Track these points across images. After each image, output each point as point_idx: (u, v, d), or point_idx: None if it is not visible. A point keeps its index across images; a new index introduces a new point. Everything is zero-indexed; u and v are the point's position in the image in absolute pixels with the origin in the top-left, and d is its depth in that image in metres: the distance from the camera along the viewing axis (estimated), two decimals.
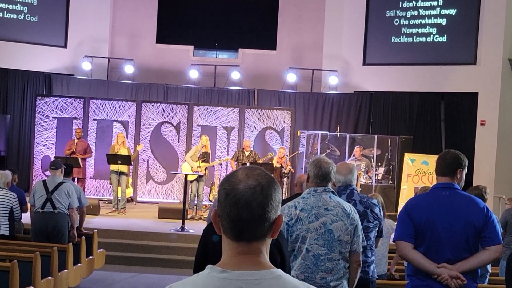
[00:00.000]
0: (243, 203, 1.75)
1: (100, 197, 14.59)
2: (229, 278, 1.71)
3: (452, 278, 3.94)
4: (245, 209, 1.75)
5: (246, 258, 1.76)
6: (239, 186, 1.77)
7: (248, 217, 1.75)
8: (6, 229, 8.08)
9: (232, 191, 1.77)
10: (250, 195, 1.75)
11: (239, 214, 1.75)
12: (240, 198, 1.75)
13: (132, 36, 17.67)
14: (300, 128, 15.76)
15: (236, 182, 1.78)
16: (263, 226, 1.76)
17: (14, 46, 16.09)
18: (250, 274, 1.72)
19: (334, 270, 4.12)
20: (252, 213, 1.75)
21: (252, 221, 1.75)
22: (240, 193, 1.76)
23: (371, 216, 4.87)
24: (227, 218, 1.77)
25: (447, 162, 4.16)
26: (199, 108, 15.25)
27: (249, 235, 1.77)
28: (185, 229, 11.14)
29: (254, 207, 1.75)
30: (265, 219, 1.76)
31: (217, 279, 1.72)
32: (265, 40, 17.96)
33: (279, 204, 1.80)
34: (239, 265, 1.75)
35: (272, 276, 1.73)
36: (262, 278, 1.72)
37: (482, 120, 15.19)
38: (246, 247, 1.77)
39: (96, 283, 9.00)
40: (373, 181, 14.33)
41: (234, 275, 1.72)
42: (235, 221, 1.76)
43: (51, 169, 8.27)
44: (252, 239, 1.77)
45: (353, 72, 16.76)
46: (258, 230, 1.77)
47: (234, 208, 1.75)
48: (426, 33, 16.02)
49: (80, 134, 13.89)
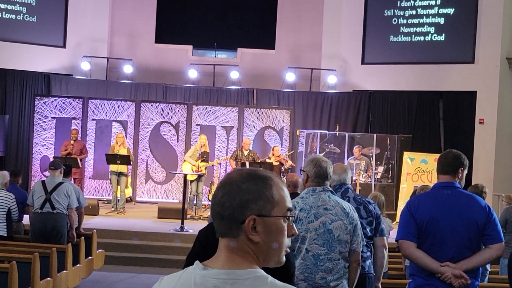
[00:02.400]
0: (212, 200, 1.82)
1: (99, 197, 14.58)
2: (207, 276, 1.72)
3: (455, 277, 3.95)
4: (212, 206, 1.81)
5: (227, 256, 1.76)
6: (217, 189, 1.83)
7: (213, 213, 1.79)
8: (3, 230, 8.07)
9: (216, 189, 1.84)
10: (216, 192, 1.80)
11: (211, 210, 1.85)
12: (213, 195, 1.83)
13: (131, 36, 17.66)
14: (299, 127, 15.76)
15: (220, 185, 1.84)
16: (225, 223, 1.76)
17: (13, 46, 16.07)
18: (227, 273, 1.71)
19: (334, 270, 4.11)
20: (214, 210, 1.79)
21: (215, 217, 1.79)
22: (214, 191, 1.83)
23: (364, 213, 4.88)
24: (212, 214, 1.83)
25: (449, 161, 4.18)
26: (198, 108, 15.24)
27: (218, 232, 1.79)
28: (184, 229, 11.14)
29: (215, 204, 1.79)
30: (224, 216, 1.76)
31: (198, 275, 1.73)
32: (264, 39, 17.95)
33: (253, 203, 1.75)
34: (221, 263, 1.75)
35: (249, 277, 1.71)
36: (237, 278, 1.70)
37: (480, 119, 15.20)
38: (222, 243, 1.78)
39: (95, 283, 8.99)
40: (373, 180, 14.34)
41: (212, 273, 1.72)
42: (214, 216, 1.81)
43: (50, 170, 8.27)
44: (223, 235, 1.78)
45: (352, 71, 16.76)
46: (222, 227, 1.77)
47: (215, 204, 1.80)
48: (424, 32, 16.02)
49: (76, 136, 13.89)
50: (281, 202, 1.79)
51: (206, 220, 12.13)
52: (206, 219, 12.37)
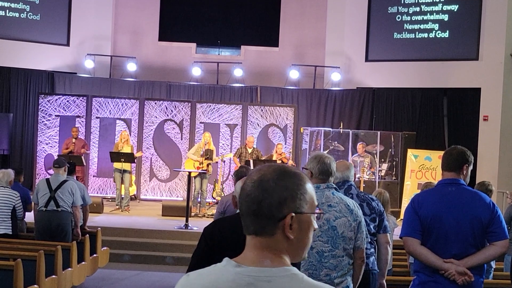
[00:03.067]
0: (243, 197, 1.78)
1: (103, 195, 14.61)
2: (241, 273, 1.71)
3: (459, 274, 3.95)
4: (244, 203, 1.78)
5: (259, 254, 1.75)
6: (247, 181, 1.81)
7: (246, 211, 1.77)
8: (8, 228, 8.09)
9: (242, 185, 1.82)
10: (249, 189, 1.77)
11: (241, 208, 1.79)
12: (242, 192, 1.80)
13: (134, 33, 17.67)
14: (303, 124, 15.76)
15: (247, 177, 1.83)
16: (261, 221, 1.75)
17: (17, 45, 16.10)
18: (262, 271, 1.71)
19: (338, 267, 4.11)
20: (248, 207, 1.76)
21: (249, 215, 1.76)
22: (243, 187, 1.80)
23: (367, 209, 4.89)
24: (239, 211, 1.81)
25: (454, 158, 4.17)
26: (202, 106, 15.24)
27: (250, 229, 1.77)
28: (189, 227, 11.15)
29: (249, 201, 1.76)
30: (261, 214, 1.75)
31: (231, 272, 1.72)
32: (268, 37, 17.95)
33: (291, 201, 1.75)
34: (253, 261, 1.74)
35: (285, 274, 1.72)
36: (274, 275, 1.71)
37: (484, 116, 15.17)
38: (254, 241, 1.77)
39: (100, 281, 9.01)
40: (377, 177, 14.33)
41: (247, 270, 1.72)
42: (241, 214, 1.80)
43: (55, 168, 8.28)
44: (256, 234, 1.77)
45: (356, 68, 16.75)
46: (257, 225, 1.76)
47: (239, 202, 1.80)
48: (428, 29, 16.00)
49: (77, 134, 13.92)
50: (312, 198, 1.82)
51: (210, 218, 12.14)
52: (210, 217, 12.37)
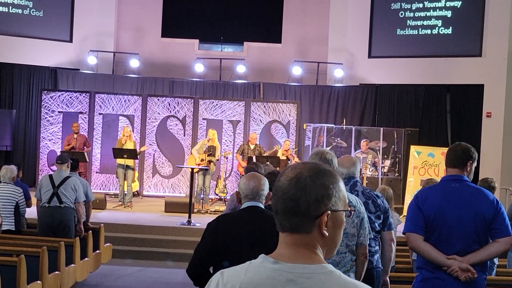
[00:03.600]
0: (279, 195, 1.80)
1: (106, 191, 14.62)
2: (280, 270, 1.73)
3: (462, 270, 3.94)
4: (280, 201, 1.79)
5: (296, 251, 1.78)
6: (281, 178, 1.83)
7: (283, 208, 1.78)
8: (11, 224, 8.11)
9: (276, 183, 1.83)
10: (286, 187, 1.79)
11: (276, 205, 1.80)
12: (277, 189, 1.81)
13: (137, 30, 17.66)
14: (305, 121, 15.75)
15: (281, 174, 1.85)
16: (298, 219, 1.77)
17: (20, 41, 16.11)
18: (302, 268, 1.73)
19: (341, 263, 4.11)
20: (285, 204, 1.78)
21: (286, 213, 1.78)
22: (279, 185, 1.81)
23: (372, 207, 4.86)
24: (272, 208, 1.83)
25: (458, 154, 4.16)
26: (204, 102, 15.24)
27: (286, 227, 1.79)
28: (191, 223, 11.15)
29: (286, 199, 1.78)
30: (298, 212, 1.76)
31: (269, 269, 1.74)
32: (270, 33, 17.92)
33: (327, 199, 1.78)
34: (291, 257, 1.76)
35: (324, 271, 1.74)
36: (313, 272, 1.73)
37: (488, 112, 15.15)
38: (290, 238, 1.79)
39: (103, 277, 9.02)
40: (379, 174, 14.33)
41: (286, 267, 1.74)
42: (275, 212, 1.82)
43: (57, 164, 8.29)
44: (292, 231, 1.79)
45: (359, 64, 16.72)
46: (294, 223, 1.78)
47: (274, 199, 1.81)
48: (431, 25, 15.97)
49: (78, 129, 13.93)
50: (345, 196, 1.85)
51: (213, 214, 12.15)
52: (213, 213, 12.38)
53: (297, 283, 1.71)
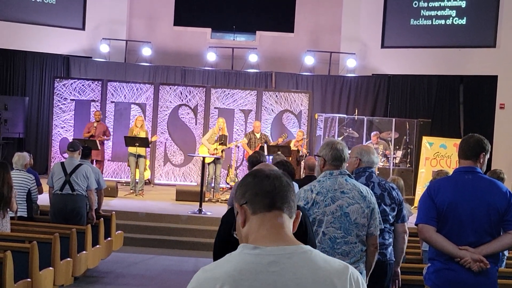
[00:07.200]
0: (274, 177, 1.94)
1: (118, 179, 14.68)
2: (261, 254, 1.82)
3: (474, 261, 3.94)
4: (277, 180, 1.93)
5: (274, 233, 1.89)
6: (263, 170, 1.98)
7: (280, 186, 1.93)
8: (24, 210, 8.16)
9: (258, 172, 1.98)
10: (278, 173, 1.97)
11: (272, 183, 1.93)
12: (269, 174, 1.95)
13: (149, 18, 17.67)
14: (317, 111, 15.73)
15: (258, 170, 2.01)
16: (291, 197, 1.93)
17: (32, 29, 16.16)
18: (281, 249, 1.83)
19: (351, 253, 4.11)
20: (281, 183, 1.93)
21: (283, 189, 1.92)
22: (268, 172, 1.97)
23: (388, 199, 4.83)
24: (259, 191, 1.92)
25: (471, 146, 4.14)
26: (216, 91, 15.24)
27: (281, 203, 1.91)
28: (202, 212, 11.19)
29: (283, 180, 1.95)
30: (293, 194, 1.95)
31: (250, 255, 1.82)
32: (283, 22, 17.87)
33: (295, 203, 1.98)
34: (269, 241, 1.86)
35: (303, 251, 1.84)
36: (293, 252, 1.83)
37: (501, 104, 15.07)
38: (276, 218, 1.90)
39: (114, 264, 9.08)
40: (391, 165, 14.29)
41: (266, 250, 1.83)
42: (268, 191, 1.92)
43: (69, 151, 8.32)
44: (283, 207, 1.91)
45: (371, 54, 16.65)
46: (289, 200, 1.93)
47: (266, 180, 1.93)
48: (445, 16, 15.87)
49: (100, 117, 13.95)
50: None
51: (224, 203, 12.17)
52: (224, 202, 12.41)
53: (279, 264, 1.80)
